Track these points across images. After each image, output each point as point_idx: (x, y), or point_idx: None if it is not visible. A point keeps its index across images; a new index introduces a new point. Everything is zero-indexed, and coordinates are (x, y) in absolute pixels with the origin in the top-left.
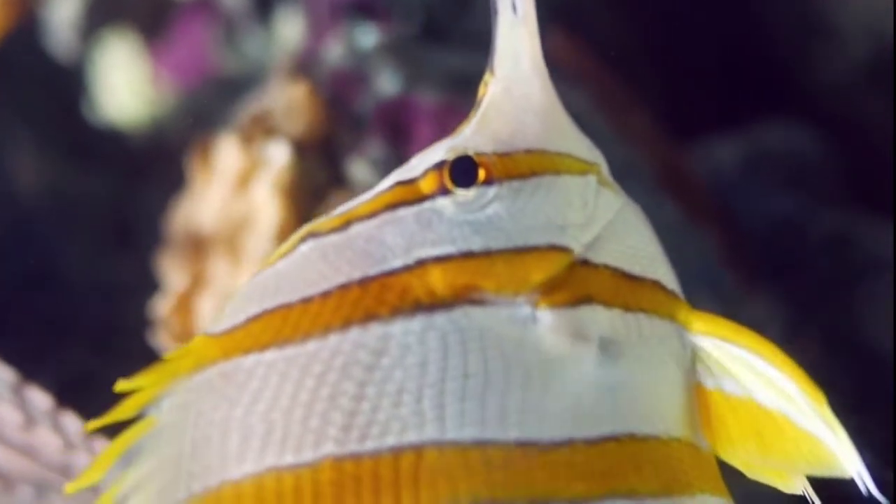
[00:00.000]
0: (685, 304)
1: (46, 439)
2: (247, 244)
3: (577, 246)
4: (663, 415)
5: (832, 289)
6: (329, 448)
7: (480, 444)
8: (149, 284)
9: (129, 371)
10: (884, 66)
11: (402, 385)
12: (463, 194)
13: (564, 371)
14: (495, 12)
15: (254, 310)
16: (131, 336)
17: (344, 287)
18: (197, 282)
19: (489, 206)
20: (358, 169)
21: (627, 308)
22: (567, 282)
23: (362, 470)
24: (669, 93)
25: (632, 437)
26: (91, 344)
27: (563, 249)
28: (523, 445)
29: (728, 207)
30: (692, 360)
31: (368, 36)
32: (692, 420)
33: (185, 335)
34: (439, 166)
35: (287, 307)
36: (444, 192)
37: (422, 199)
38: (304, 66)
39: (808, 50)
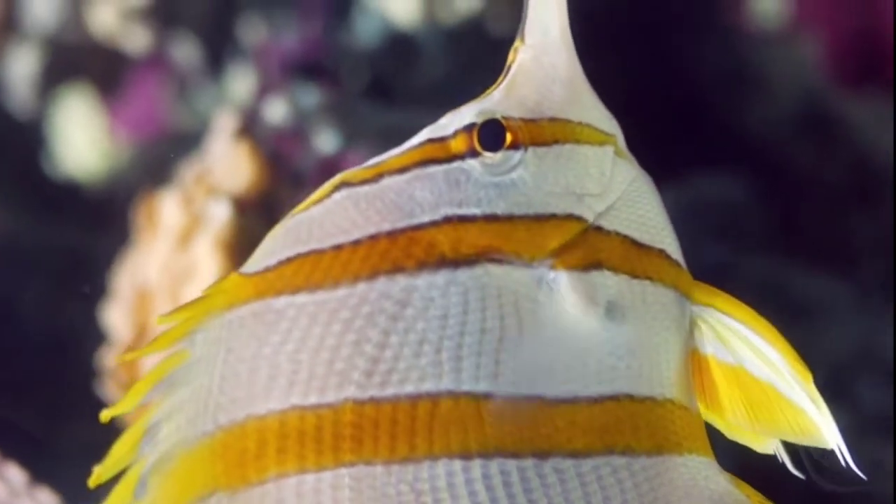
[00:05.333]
0: (687, 274)
1: None
2: (189, 297)
3: (592, 215)
4: (660, 377)
5: None
6: (351, 391)
7: (493, 397)
8: (99, 335)
9: (76, 425)
10: (811, 117)
11: (423, 336)
12: (490, 157)
13: (573, 331)
14: None
15: (287, 253)
16: (80, 387)
17: (373, 237)
18: (142, 333)
19: (514, 171)
20: None
21: (634, 274)
22: (580, 246)
23: (381, 414)
24: None
25: (630, 398)
26: (39, 396)
27: (578, 219)
28: (531, 400)
29: None
30: (690, 328)
31: (309, 95)
32: (686, 383)
33: (132, 385)
34: (469, 128)
35: (319, 253)
36: (473, 153)
37: (451, 158)
38: (248, 124)
39: (739, 101)
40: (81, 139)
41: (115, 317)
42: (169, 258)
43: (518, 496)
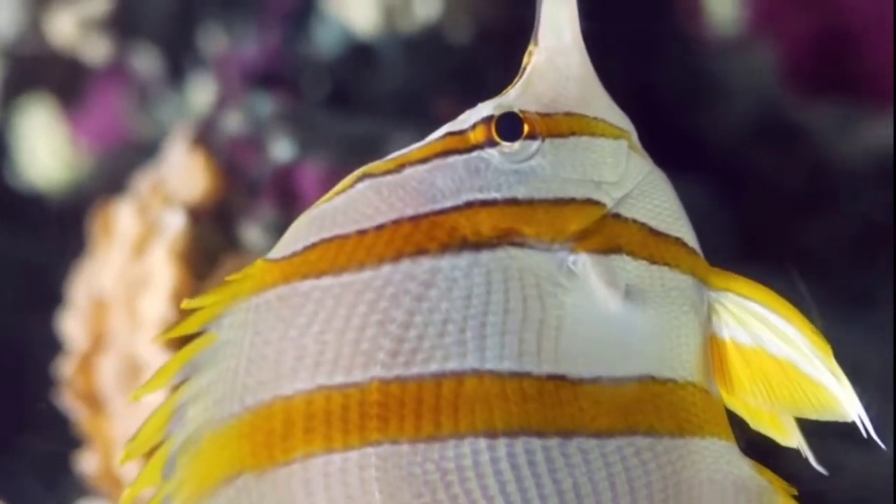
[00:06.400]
0: (704, 262)
1: None
2: (144, 306)
3: (610, 201)
4: (681, 360)
5: None
6: (377, 371)
7: (517, 376)
8: (55, 344)
9: (31, 435)
10: (769, 123)
11: (447, 316)
12: (508, 146)
13: (595, 313)
14: None
15: (312, 239)
16: (36, 397)
17: (397, 222)
18: (98, 342)
19: (533, 159)
20: (251, 233)
21: (653, 260)
22: (600, 232)
23: (406, 393)
24: None
25: (652, 379)
26: None
27: (597, 203)
28: (555, 379)
29: None
30: (709, 312)
31: (266, 104)
32: (706, 367)
33: (88, 394)
34: (487, 120)
35: (343, 238)
36: (492, 143)
37: (470, 148)
38: (204, 133)
39: (698, 108)
40: (43, 149)
41: (71, 326)
42: (124, 267)
43: (543, 475)
